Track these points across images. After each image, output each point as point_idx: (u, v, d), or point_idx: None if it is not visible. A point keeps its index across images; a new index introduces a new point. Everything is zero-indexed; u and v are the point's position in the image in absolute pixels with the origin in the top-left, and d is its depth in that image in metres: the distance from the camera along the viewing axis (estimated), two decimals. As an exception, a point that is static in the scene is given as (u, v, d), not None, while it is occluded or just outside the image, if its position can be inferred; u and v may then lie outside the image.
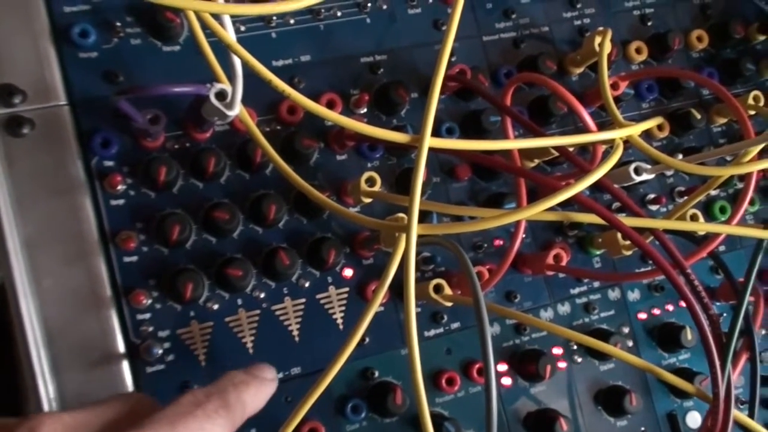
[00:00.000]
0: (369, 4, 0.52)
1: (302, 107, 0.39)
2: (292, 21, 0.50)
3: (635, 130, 0.48)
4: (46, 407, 0.42)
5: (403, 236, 0.41)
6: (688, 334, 0.55)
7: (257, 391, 0.38)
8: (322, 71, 0.51)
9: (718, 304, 0.57)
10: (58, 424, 0.34)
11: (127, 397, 0.38)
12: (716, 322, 0.45)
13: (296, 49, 0.50)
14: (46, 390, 0.42)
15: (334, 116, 0.39)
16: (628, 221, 0.44)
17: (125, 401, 0.37)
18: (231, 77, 0.41)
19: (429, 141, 0.41)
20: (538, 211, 0.40)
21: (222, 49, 0.41)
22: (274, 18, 0.50)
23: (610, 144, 0.47)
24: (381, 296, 0.41)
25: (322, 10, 0.51)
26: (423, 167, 0.40)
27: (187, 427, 0.33)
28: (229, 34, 0.38)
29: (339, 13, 0.51)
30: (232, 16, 0.40)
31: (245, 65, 0.38)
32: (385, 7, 0.53)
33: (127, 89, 0.42)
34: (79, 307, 0.43)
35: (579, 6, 0.58)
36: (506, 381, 0.51)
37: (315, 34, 0.51)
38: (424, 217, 0.48)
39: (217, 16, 0.38)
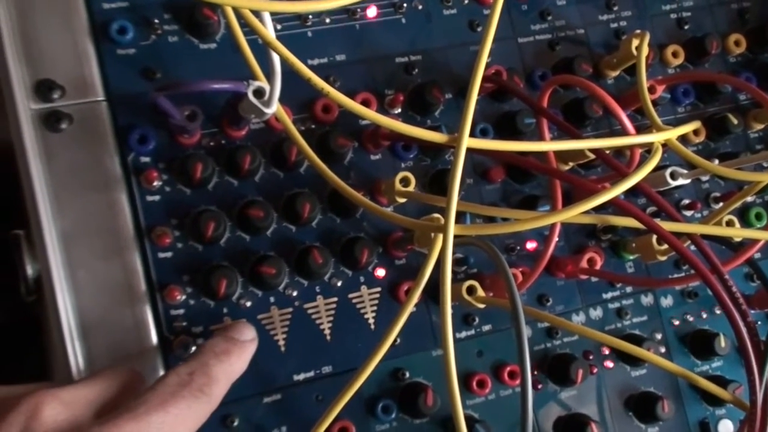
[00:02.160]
0: (405, 5, 0.52)
1: (341, 106, 0.39)
2: (327, 20, 0.50)
3: (674, 133, 0.48)
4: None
5: (440, 236, 0.40)
6: (722, 342, 0.54)
7: (239, 357, 0.40)
8: (357, 71, 0.50)
9: (753, 311, 0.56)
10: (57, 401, 0.34)
11: (119, 372, 0.39)
12: (754, 329, 0.44)
13: (332, 49, 0.50)
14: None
15: (373, 115, 0.39)
16: (666, 226, 0.44)
17: (118, 376, 0.38)
18: (269, 75, 0.41)
19: (467, 141, 0.41)
20: (576, 213, 0.40)
21: (258, 48, 0.41)
22: (310, 17, 0.50)
23: (647, 147, 0.47)
24: (416, 297, 0.41)
25: (358, 10, 0.51)
26: (461, 167, 0.40)
27: (177, 407, 0.35)
28: (269, 32, 0.38)
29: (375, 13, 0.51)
30: (270, 14, 0.40)
31: (283, 63, 0.38)
32: (420, 7, 0.53)
33: (166, 85, 0.42)
34: (114, 300, 0.43)
35: (615, 9, 0.57)
36: (537, 385, 0.51)
37: (351, 33, 0.51)
38: (458, 218, 0.48)
39: (256, 13, 0.38)
